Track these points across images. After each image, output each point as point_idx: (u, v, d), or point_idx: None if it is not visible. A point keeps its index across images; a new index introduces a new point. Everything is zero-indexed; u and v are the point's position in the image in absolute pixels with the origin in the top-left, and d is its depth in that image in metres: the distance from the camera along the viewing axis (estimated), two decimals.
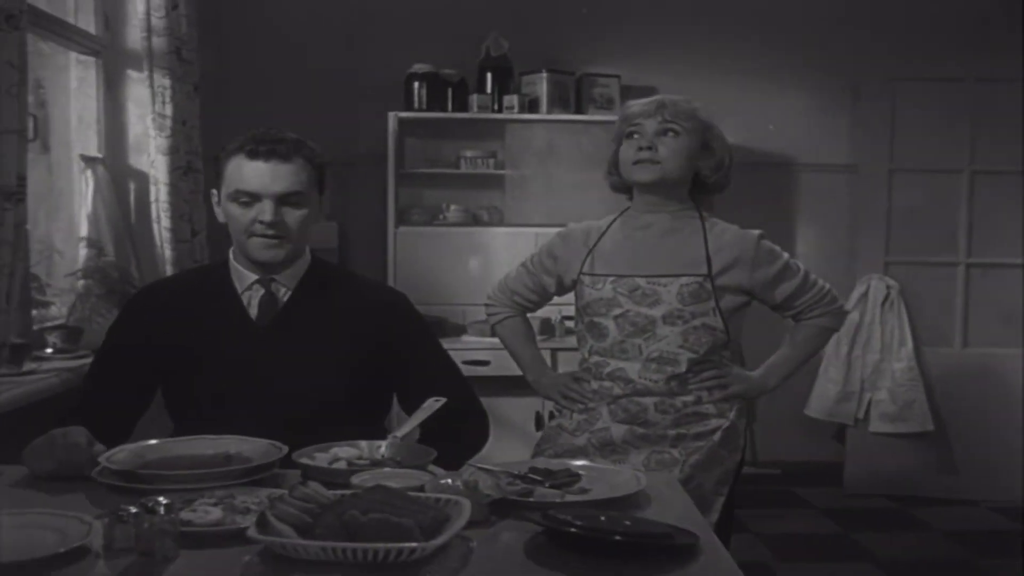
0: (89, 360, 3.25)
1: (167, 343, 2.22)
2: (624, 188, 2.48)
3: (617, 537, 1.46)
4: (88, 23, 4.09)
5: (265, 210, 2.14)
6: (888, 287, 4.86)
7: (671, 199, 2.41)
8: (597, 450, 2.35)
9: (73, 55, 4.05)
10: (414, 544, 1.40)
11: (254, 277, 2.24)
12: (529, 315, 2.67)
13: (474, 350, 4.41)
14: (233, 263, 2.27)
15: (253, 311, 2.24)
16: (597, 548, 1.48)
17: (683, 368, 2.33)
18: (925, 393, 4.80)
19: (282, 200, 2.15)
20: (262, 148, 2.14)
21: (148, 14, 3.90)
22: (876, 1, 5.07)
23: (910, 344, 4.84)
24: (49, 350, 3.33)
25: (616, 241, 2.45)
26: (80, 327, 3.40)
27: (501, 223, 4.89)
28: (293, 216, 2.17)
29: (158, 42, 3.94)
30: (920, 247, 4.98)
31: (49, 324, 3.42)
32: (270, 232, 2.16)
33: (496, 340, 2.76)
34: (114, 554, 1.45)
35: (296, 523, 1.47)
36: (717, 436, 2.35)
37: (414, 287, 4.68)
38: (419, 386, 2.24)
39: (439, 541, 1.43)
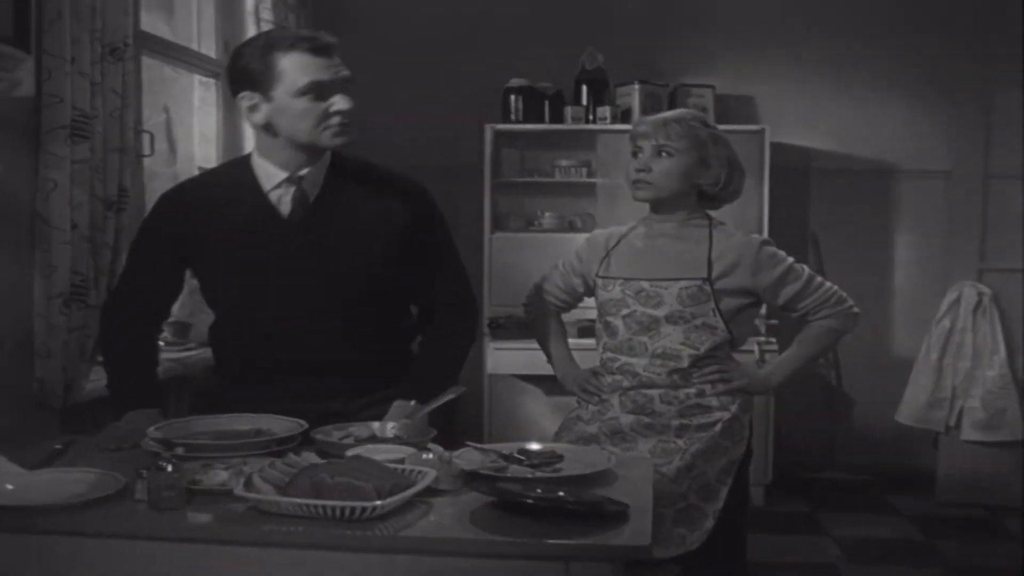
0: (195, 352, 3.67)
1: (196, 240, 2.36)
2: None
3: (529, 502, 1.67)
4: (210, 48, 4.53)
5: (342, 100, 2.25)
6: (980, 294, 4.82)
7: (677, 210, 2.58)
8: (608, 438, 2.55)
9: (196, 78, 4.49)
10: (368, 503, 1.65)
11: (284, 175, 2.32)
12: None
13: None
14: (259, 162, 2.35)
15: (284, 208, 2.33)
16: (532, 512, 1.70)
17: (685, 363, 2.50)
18: (1019, 401, 4.74)
19: (348, 90, 2.28)
20: (321, 43, 2.25)
21: None
22: (973, 7, 5.02)
23: (1003, 351, 4.78)
24: (161, 343, 3.73)
25: (631, 246, 2.65)
26: (188, 322, 3.79)
27: (594, 229, 5.07)
28: (352, 102, 2.28)
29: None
30: (1016, 253, 4.92)
31: None
32: (346, 120, 2.26)
33: (582, 341, 2.98)
34: (133, 503, 1.76)
35: (277, 484, 1.74)
36: (718, 427, 2.51)
37: (508, 290, 4.95)
38: (429, 275, 2.45)
39: (390, 501, 1.67)
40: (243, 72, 2.27)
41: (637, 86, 4.98)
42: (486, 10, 5.27)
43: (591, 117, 5.02)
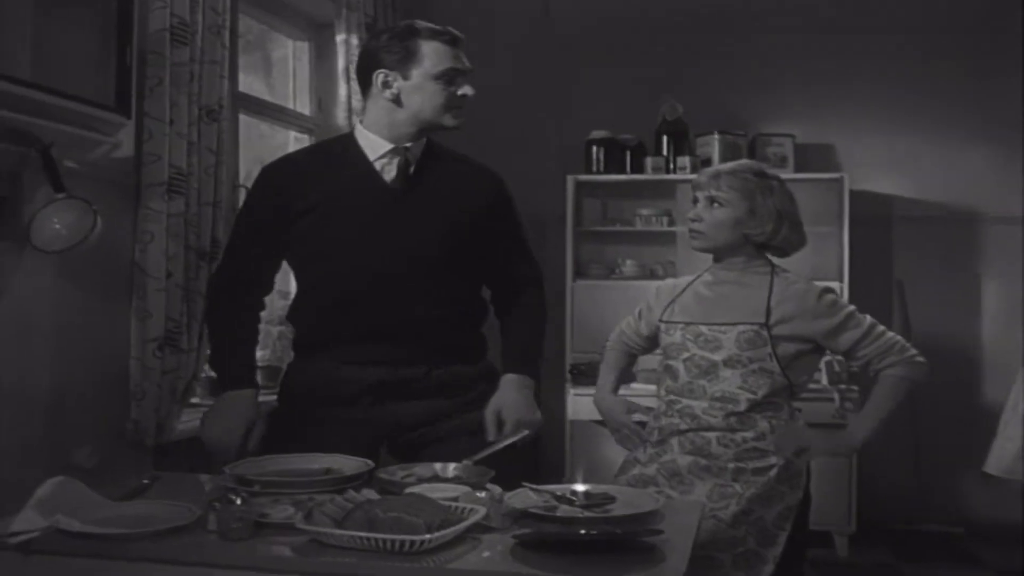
0: None
1: (301, 205, 2.57)
2: None
3: (581, 533, 1.75)
4: (304, 106, 4.77)
5: (468, 88, 2.57)
6: None
7: (736, 257, 2.67)
8: (666, 480, 2.62)
9: (292, 133, 4.72)
10: (417, 537, 1.76)
11: (389, 146, 2.59)
12: None
13: (640, 396, 4.65)
14: (365, 134, 2.62)
15: (388, 175, 2.59)
16: (572, 550, 1.80)
17: (743, 407, 2.57)
18: None
19: (470, 78, 2.59)
20: (452, 37, 2.55)
21: (349, 97, 4.50)
22: None
23: None
24: None
25: (695, 293, 2.74)
26: (278, 366, 3.98)
27: (674, 277, 5.14)
28: (474, 90, 2.59)
29: (357, 121, 4.53)
30: None
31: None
32: (464, 105, 2.57)
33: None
34: (205, 533, 1.90)
35: (335, 518, 1.87)
36: (773, 472, 2.55)
37: (589, 336, 5.05)
38: (508, 254, 2.75)
39: (439, 535, 1.78)
40: (382, 51, 2.56)
41: (717, 136, 5.07)
42: (567, 64, 5.43)
43: (671, 167, 5.12)
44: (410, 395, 2.60)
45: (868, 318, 2.64)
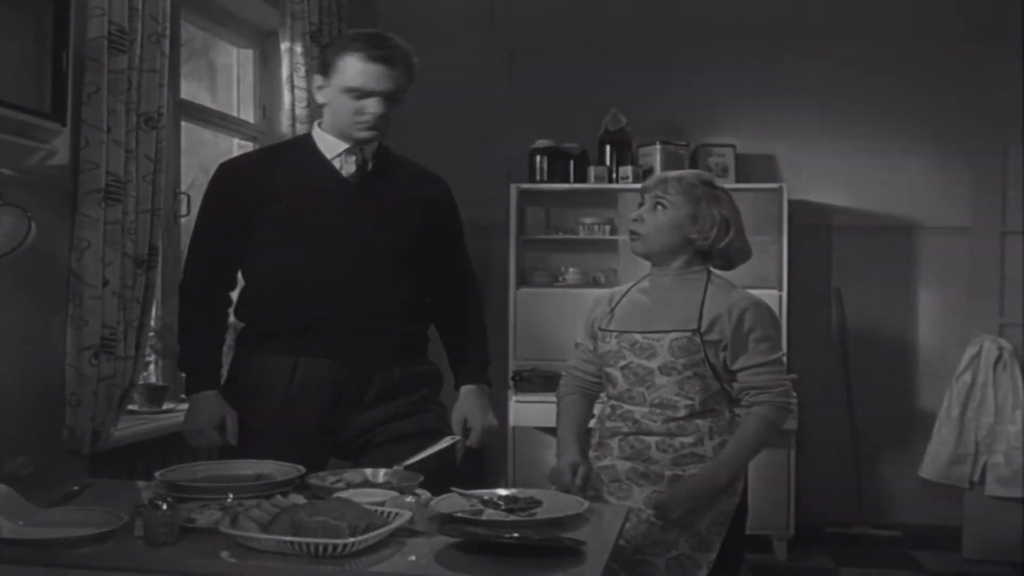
0: None
1: (260, 196, 2.66)
2: None
3: (506, 537, 1.79)
4: (248, 113, 4.77)
5: (373, 106, 2.61)
6: (1000, 348, 4.85)
7: (674, 262, 2.71)
8: (605, 485, 2.66)
9: (235, 140, 4.72)
10: (341, 540, 1.79)
11: (345, 145, 2.69)
12: None
13: None
14: (321, 134, 2.73)
15: (346, 170, 2.69)
16: (495, 552, 1.84)
17: (681, 413, 2.60)
18: None
19: (387, 97, 2.62)
20: (376, 54, 2.59)
21: (293, 105, 4.50)
22: (989, 67, 5.11)
23: None
24: None
25: (632, 300, 2.77)
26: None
27: (616, 285, 5.19)
28: (390, 109, 2.64)
29: (301, 129, 4.53)
30: None
31: None
32: (372, 120, 2.62)
33: None
34: (132, 539, 1.92)
35: (261, 522, 1.89)
36: None
37: (532, 344, 5.10)
38: (449, 255, 2.86)
39: (362, 539, 1.81)
40: (321, 58, 2.73)
41: (659, 146, 5.15)
42: (512, 73, 5.48)
43: (614, 176, 5.19)
44: (359, 390, 2.66)
45: (780, 352, 2.67)
